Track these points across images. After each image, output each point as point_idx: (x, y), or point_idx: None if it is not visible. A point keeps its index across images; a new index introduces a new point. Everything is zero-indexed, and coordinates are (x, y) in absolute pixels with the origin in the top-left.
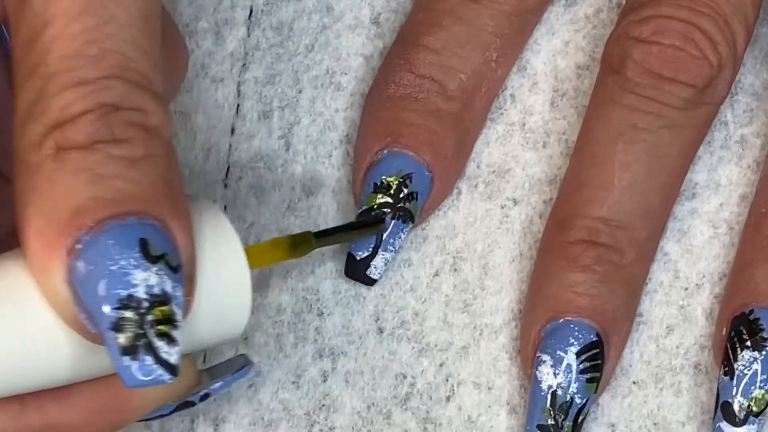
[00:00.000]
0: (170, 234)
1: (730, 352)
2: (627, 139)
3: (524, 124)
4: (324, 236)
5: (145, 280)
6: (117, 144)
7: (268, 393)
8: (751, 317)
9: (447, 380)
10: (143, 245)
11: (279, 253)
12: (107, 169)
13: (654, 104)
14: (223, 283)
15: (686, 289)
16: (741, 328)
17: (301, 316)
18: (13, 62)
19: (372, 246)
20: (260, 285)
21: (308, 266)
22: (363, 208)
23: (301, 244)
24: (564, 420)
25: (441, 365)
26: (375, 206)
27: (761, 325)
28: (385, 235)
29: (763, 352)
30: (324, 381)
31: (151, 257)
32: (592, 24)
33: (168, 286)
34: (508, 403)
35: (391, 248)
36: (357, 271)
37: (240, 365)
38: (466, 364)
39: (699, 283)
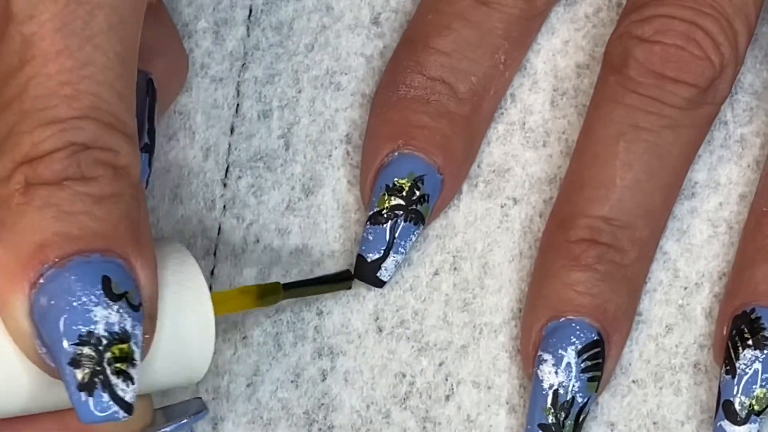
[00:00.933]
0: (133, 272)
1: (731, 350)
2: (629, 138)
3: (524, 124)
4: (292, 288)
5: (106, 317)
6: (85, 182)
7: (267, 392)
8: (753, 316)
9: (446, 379)
10: (105, 282)
11: (246, 301)
12: (74, 206)
13: (656, 104)
14: (186, 327)
15: (686, 288)
16: (742, 326)
17: (300, 315)
18: None
19: (383, 248)
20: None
21: (307, 266)
22: (374, 210)
23: (269, 294)
24: (565, 419)
25: (440, 364)
26: (387, 208)
27: (763, 324)
28: (396, 237)
29: (765, 351)
30: (323, 380)
31: (112, 295)
32: (592, 23)
33: (128, 324)
34: (507, 403)
35: (402, 250)
36: (368, 274)
37: (195, 409)
38: (466, 363)
39: (698, 282)
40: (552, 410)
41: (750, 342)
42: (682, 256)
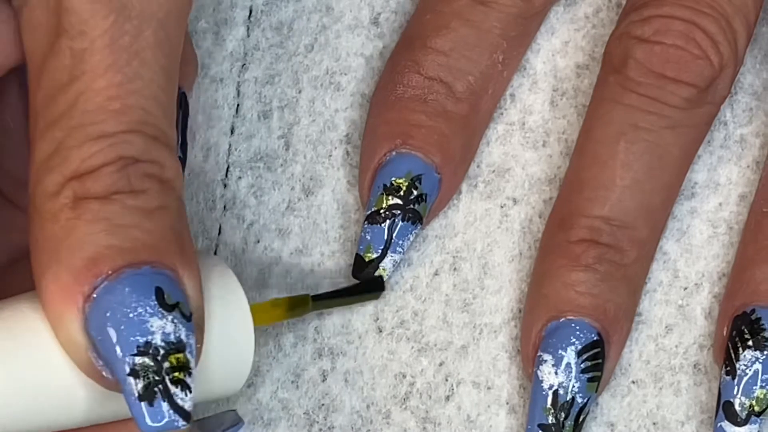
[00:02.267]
0: (181, 283)
1: (731, 351)
2: (628, 138)
3: (524, 124)
4: (322, 299)
5: (162, 327)
6: (134, 195)
7: (268, 392)
8: (753, 317)
9: (446, 380)
10: (159, 293)
11: (277, 312)
12: (124, 219)
13: (656, 104)
14: (229, 339)
15: (685, 288)
16: (742, 327)
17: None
18: (30, 109)
19: (381, 248)
20: (259, 285)
21: (308, 266)
22: (372, 210)
23: (299, 306)
24: (565, 419)
25: (440, 365)
26: (384, 207)
27: (763, 324)
28: (394, 236)
29: (765, 352)
30: (323, 380)
31: (166, 305)
32: (591, 23)
33: (183, 334)
34: (507, 403)
35: (400, 250)
36: (366, 273)
37: (231, 422)
38: (466, 363)
39: (698, 283)
40: (552, 410)
41: (750, 343)
42: (681, 257)
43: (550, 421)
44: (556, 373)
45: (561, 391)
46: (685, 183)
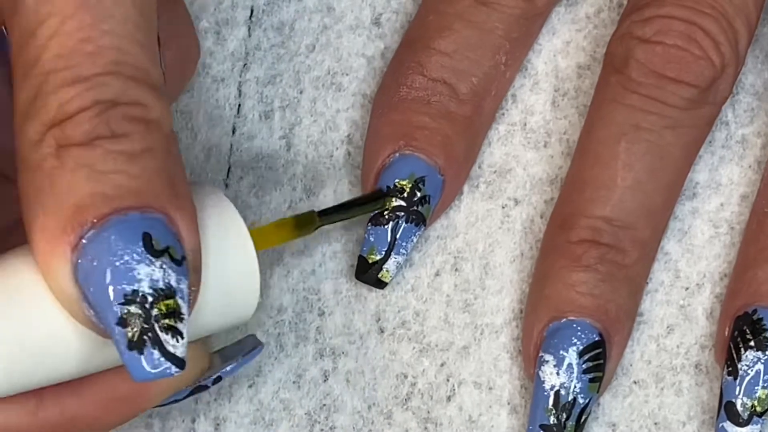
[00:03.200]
0: (174, 226)
1: (733, 351)
2: (630, 139)
3: (525, 124)
4: (327, 214)
5: (149, 274)
6: (116, 139)
7: (269, 392)
8: (755, 317)
9: (448, 380)
10: (146, 239)
11: (284, 233)
12: (107, 165)
13: (657, 104)
14: (230, 269)
15: (687, 288)
16: (744, 327)
17: (302, 316)
18: (12, 61)
19: (384, 249)
20: (260, 285)
21: (309, 266)
22: (375, 212)
23: (306, 223)
24: (567, 420)
25: (442, 365)
26: (388, 209)
27: (765, 324)
28: (397, 238)
29: (767, 352)
30: (325, 381)
31: (154, 251)
32: (593, 24)
33: (172, 279)
34: (509, 403)
35: (404, 251)
36: (370, 275)
37: (250, 346)
38: (467, 363)
39: (700, 283)
40: (553, 411)
41: (752, 343)
42: (683, 257)
43: (551, 422)
44: (557, 373)
45: (563, 392)
46: (687, 183)
